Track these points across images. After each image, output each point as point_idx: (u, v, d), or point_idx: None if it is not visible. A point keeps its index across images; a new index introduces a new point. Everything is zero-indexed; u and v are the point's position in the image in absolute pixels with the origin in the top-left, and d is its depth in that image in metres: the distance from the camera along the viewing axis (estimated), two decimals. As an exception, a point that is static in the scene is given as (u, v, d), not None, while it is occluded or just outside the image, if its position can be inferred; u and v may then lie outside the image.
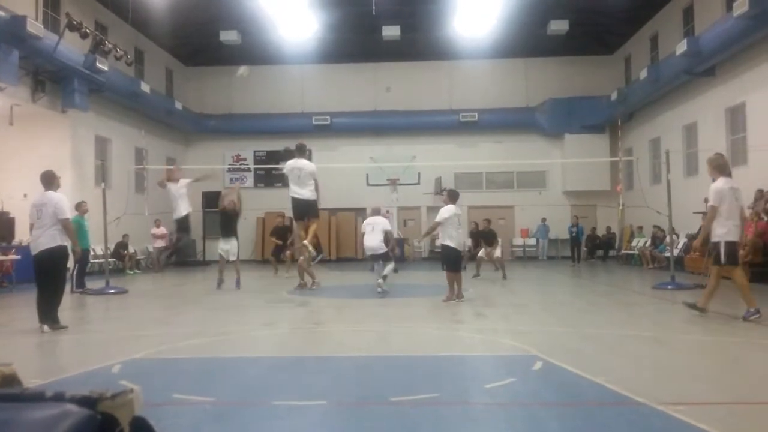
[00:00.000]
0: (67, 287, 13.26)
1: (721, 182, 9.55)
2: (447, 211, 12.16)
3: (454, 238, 12.01)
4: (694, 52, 19.45)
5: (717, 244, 9.48)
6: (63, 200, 9.39)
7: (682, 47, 19.90)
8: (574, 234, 25.99)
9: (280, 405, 5.12)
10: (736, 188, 9.55)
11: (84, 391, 0.81)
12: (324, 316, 10.73)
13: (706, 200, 10.54)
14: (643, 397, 4.92)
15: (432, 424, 4.58)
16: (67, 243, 9.34)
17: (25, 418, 0.74)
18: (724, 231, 9.43)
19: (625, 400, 4.95)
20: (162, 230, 25.32)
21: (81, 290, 15.23)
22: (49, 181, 9.56)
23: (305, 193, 13.64)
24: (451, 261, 12.13)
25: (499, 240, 19.23)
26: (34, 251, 9.29)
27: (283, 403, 5.15)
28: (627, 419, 4.61)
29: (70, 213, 9.55)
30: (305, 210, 13.73)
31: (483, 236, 18.83)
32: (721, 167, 9.74)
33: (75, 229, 14.66)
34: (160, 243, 25.09)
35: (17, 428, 0.73)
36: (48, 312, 9.26)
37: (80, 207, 15.61)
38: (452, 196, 12.66)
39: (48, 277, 9.28)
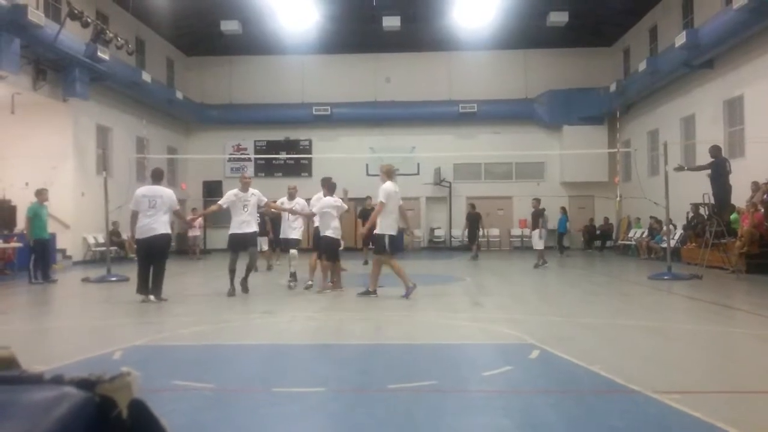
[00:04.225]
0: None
1: (390, 185, 11.15)
2: (323, 202, 12.33)
3: (337, 229, 12.19)
4: (692, 44, 19.45)
5: (382, 236, 10.98)
6: (173, 194, 11.11)
7: (681, 39, 19.90)
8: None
9: (279, 392, 5.18)
10: (398, 191, 11.26)
11: (82, 374, 0.83)
12: (322, 304, 10.78)
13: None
14: (638, 386, 4.98)
15: (430, 411, 4.64)
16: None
17: (23, 400, 0.76)
18: (388, 225, 10.97)
19: (621, 389, 5.01)
20: (199, 220, 25.14)
21: (41, 281, 14.64)
22: (159, 176, 11.18)
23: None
24: (331, 251, 12.25)
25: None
26: (146, 234, 10.65)
27: (283, 390, 5.21)
28: (622, 407, 4.67)
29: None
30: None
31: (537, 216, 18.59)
32: (390, 173, 11.38)
33: (31, 218, 14.63)
34: (196, 232, 24.93)
35: (16, 410, 0.75)
36: (158, 285, 10.81)
37: (40, 195, 14.99)
38: (330, 188, 12.58)
39: (160, 257, 10.88)
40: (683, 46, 19.84)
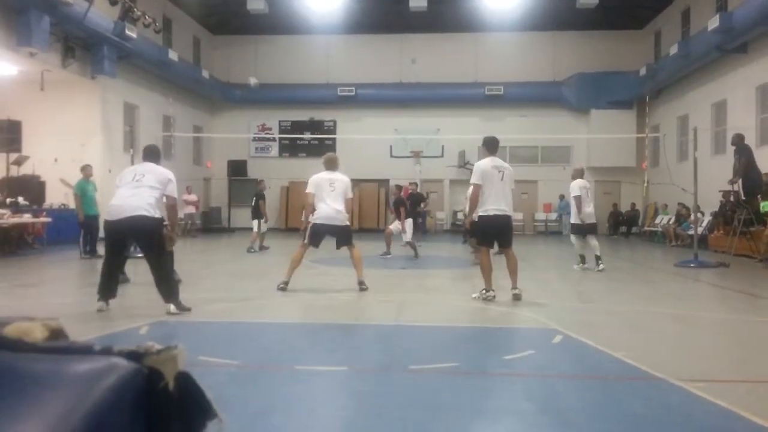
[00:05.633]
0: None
1: (324, 174, 9.79)
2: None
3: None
4: (726, 28, 19.11)
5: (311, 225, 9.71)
6: (172, 176, 8.27)
7: (714, 23, 19.55)
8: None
9: (302, 369, 5.23)
10: (332, 179, 9.70)
11: (131, 346, 0.84)
12: (344, 284, 10.81)
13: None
14: (662, 373, 4.95)
15: (451, 393, 4.65)
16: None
17: (74, 370, 0.78)
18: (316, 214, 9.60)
19: (644, 376, 4.98)
20: (193, 197, 25.37)
21: (89, 256, 14.46)
22: (151, 153, 8.87)
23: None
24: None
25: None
26: (114, 216, 7.84)
27: (305, 368, 5.27)
28: (645, 394, 4.64)
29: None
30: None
31: None
32: (332, 162, 9.94)
33: (80, 195, 14.55)
34: (191, 209, 25.15)
35: (67, 379, 0.77)
36: (168, 290, 8.43)
37: (85, 170, 14.91)
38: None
39: (148, 250, 8.36)
40: (716, 29, 19.49)
